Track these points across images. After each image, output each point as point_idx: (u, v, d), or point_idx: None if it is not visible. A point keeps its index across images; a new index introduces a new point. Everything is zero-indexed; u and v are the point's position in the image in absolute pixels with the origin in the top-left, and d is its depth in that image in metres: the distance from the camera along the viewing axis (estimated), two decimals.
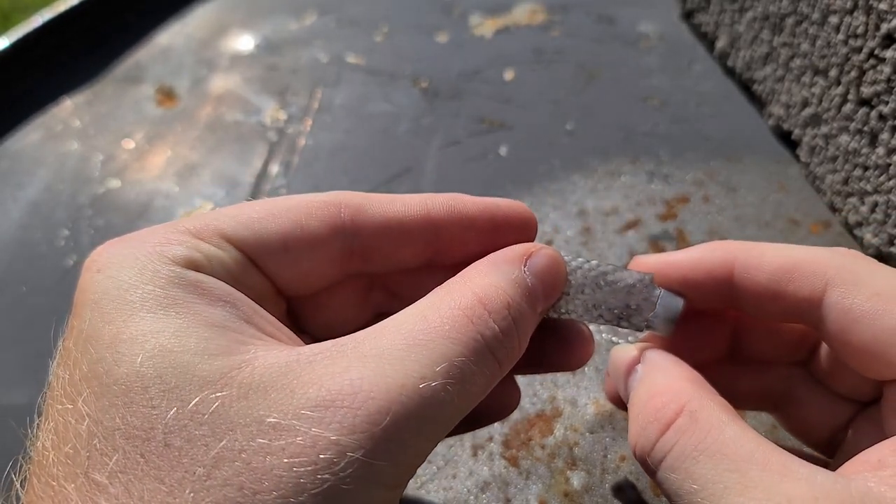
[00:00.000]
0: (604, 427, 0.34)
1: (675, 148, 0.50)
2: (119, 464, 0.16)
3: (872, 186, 0.38)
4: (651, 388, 0.21)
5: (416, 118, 0.55)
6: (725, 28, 0.54)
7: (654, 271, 0.24)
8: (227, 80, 0.61)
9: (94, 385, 0.17)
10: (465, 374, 0.18)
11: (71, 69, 0.63)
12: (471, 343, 0.18)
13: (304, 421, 0.16)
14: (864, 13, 0.37)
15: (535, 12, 0.66)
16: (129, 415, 0.16)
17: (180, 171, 0.53)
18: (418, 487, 0.33)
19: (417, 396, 0.17)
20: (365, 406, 0.16)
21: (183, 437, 0.16)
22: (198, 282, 0.19)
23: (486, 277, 0.20)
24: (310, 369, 0.17)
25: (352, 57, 0.63)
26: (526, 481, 0.32)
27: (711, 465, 0.18)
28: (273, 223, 0.21)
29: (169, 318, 0.18)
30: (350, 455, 0.16)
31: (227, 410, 0.16)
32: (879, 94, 0.37)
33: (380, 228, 0.22)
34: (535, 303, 0.21)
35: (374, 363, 0.17)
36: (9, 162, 0.55)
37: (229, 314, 0.19)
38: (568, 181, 0.48)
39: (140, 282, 0.18)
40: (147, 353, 0.17)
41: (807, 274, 0.21)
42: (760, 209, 0.44)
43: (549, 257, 0.22)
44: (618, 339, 0.37)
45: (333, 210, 0.22)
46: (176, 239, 0.20)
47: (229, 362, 0.17)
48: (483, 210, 0.23)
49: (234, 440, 0.16)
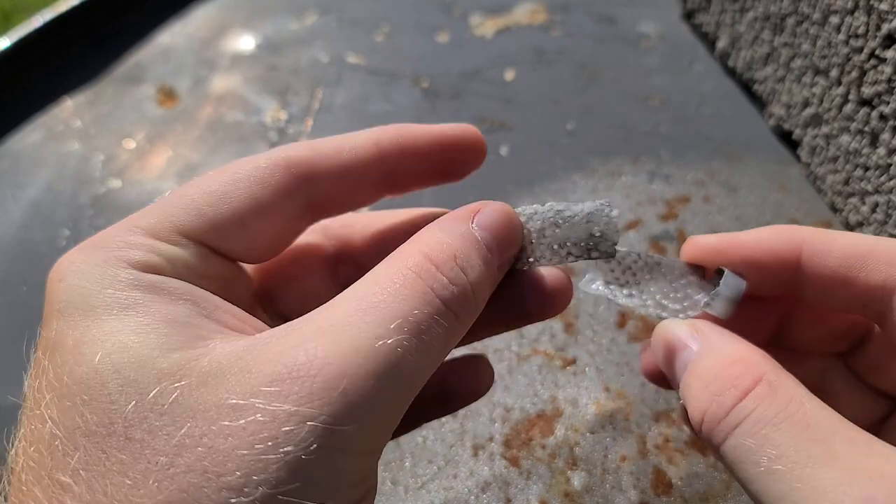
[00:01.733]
0: (604, 427, 0.34)
1: (675, 148, 0.50)
2: (81, 461, 0.16)
3: (873, 187, 0.38)
4: (723, 357, 0.21)
5: (417, 118, 0.55)
6: (726, 28, 0.54)
7: (716, 250, 0.24)
8: (228, 80, 0.61)
9: (56, 387, 0.17)
10: (420, 328, 0.18)
11: (72, 69, 0.63)
12: (421, 297, 0.18)
13: (263, 397, 0.16)
14: (864, 13, 0.37)
15: (535, 12, 0.66)
16: (88, 412, 0.16)
17: (181, 171, 0.53)
18: (419, 487, 0.33)
19: (373, 356, 0.17)
20: (321, 373, 0.16)
21: (143, 428, 0.16)
22: (157, 283, 0.19)
23: (434, 236, 0.20)
24: (266, 349, 0.17)
25: (352, 57, 0.63)
26: (527, 481, 0.32)
27: (794, 433, 0.17)
28: (227, 205, 0.21)
29: (129, 317, 0.18)
30: (310, 424, 0.16)
31: (186, 399, 0.16)
32: (880, 94, 0.37)
33: (333, 178, 0.22)
34: (489, 255, 0.21)
35: (329, 332, 0.17)
36: (10, 162, 0.55)
37: (189, 311, 0.19)
38: (568, 181, 0.48)
39: (101, 287, 0.19)
40: (106, 350, 0.17)
41: (881, 261, 0.21)
42: (761, 209, 0.44)
43: (497, 210, 0.22)
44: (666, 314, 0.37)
45: (284, 173, 0.22)
46: (133, 242, 0.20)
47: (188, 354, 0.17)
48: (432, 141, 0.24)
49: (195, 426, 0.16)
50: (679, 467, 0.32)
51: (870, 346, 0.24)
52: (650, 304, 0.24)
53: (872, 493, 0.15)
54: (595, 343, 0.38)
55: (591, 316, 0.39)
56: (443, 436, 0.34)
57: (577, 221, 0.23)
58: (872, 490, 0.16)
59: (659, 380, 0.25)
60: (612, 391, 0.36)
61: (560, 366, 0.37)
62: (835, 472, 0.16)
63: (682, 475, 0.32)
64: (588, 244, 0.23)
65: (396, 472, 0.33)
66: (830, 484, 0.16)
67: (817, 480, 0.16)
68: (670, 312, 0.24)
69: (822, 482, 0.16)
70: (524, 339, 0.38)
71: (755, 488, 0.18)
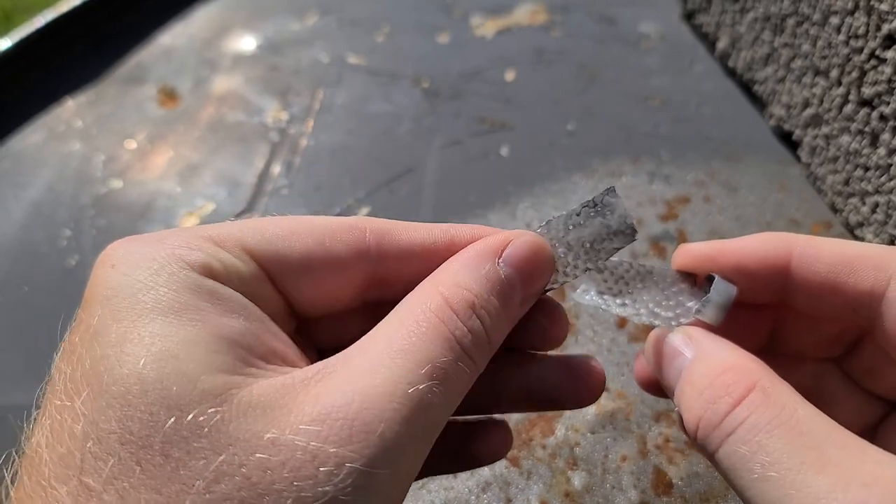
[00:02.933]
0: (605, 427, 0.34)
1: (675, 148, 0.50)
2: (114, 470, 0.16)
3: (873, 187, 0.38)
4: (716, 365, 0.21)
5: (418, 118, 0.55)
6: (726, 29, 0.54)
7: (707, 258, 0.24)
8: (229, 81, 0.61)
9: (93, 383, 0.17)
10: (447, 374, 0.18)
11: (73, 69, 0.63)
12: (445, 343, 0.19)
13: (303, 435, 0.16)
14: (865, 14, 0.37)
15: (536, 13, 0.66)
16: (126, 419, 0.16)
17: (182, 172, 0.53)
18: (420, 487, 0.33)
19: (408, 401, 0.17)
20: (360, 416, 0.17)
21: (182, 448, 0.16)
22: (213, 290, 0.19)
23: (454, 276, 0.20)
24: (304, 389, 0.17)
25: (353, 57, 0.63)
26: (527, 481, 0.32)
27: (787, 439, 0.17)
28: (297, 241, 0.21)
29: (180, 323, 0.18)
30: (349, 465, 0.16)
31: (226, 426, 0.16)
32: (880, 94, 0.37)
33: (404, 255, 0.22)
34: (511, 294, 0.21)
35: (363, 375, 0.18)
36: (11, 162, 0.55)
37: (240, 326, 0.19)
38: (569, 181, 0.48)
39: (155, 283, 0.18)
40: (152, 355, 0.17)
41: (869, 267, 0.21)
42: (761, 209, 0.44)
43: (527, 244, 0.22)
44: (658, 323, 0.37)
45: (359, 234, 0.22)
46: (196, 244, 0.20)
47: (232, 380, 0.17)
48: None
49: (234, 455, 0.16)
50: (679, 467, 0.33)
51: (864, 350, 0.25)
52: (643, 313, 0.24)
53: (865, 499, 0.16)
54: (595, 343, 0.38)
55: (592, 316, 0.39)
56: None
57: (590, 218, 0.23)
58: (865, 495, 0.16)
59: (653, 388, 0.25)
60: (613, 391, 0.36)
61: None
62: (828, 478, 0.16)
63: (683, 475, 0.32)
64: (608, 235, 0.23)
65: None
66: (824, 490, 0.16)
67: (811, 486, 0.16)
68: (663, 320, 0.24)
69: (816, 488, 0.16)
70: None
71: (750, 495, 0.18)
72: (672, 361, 0.22)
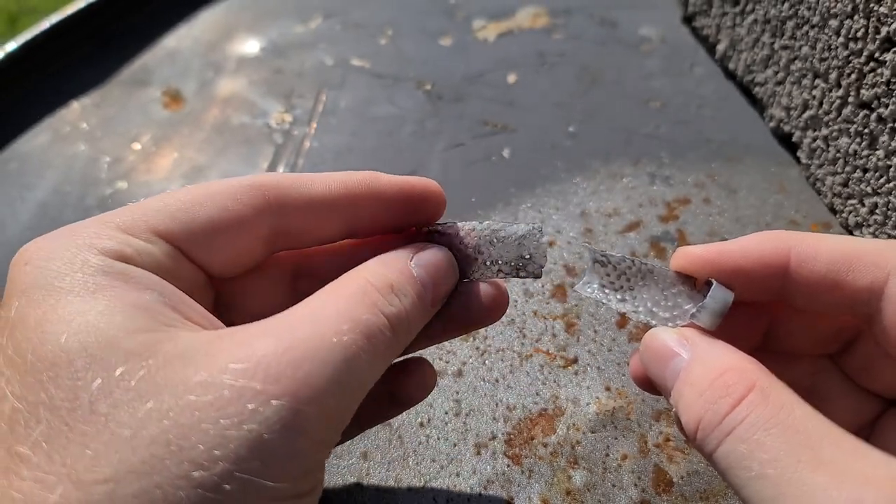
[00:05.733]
0: (606, 426, 0.35)
1: (676, 150, 0.50)
2: (43, 434, 0.16)
3: (872, 188, 0.39)
4: (715, 366, 0.21)
5: (421, 121, 0.56)
6: (726, 31, 0.54)
7: (705, 262, 0.24)
8: (234, 83, 0.62)
9: (18, 364, 0.17)
10: (369, 332, 0.20)
11: (78, 72, 0.64)
12: (369, 307, 0.20)
13: (231, 374, 0.17)
14: (863, 16, 0.37)
15: (537, 16, 0.66)
16: (54, 387, 0.17)
17: (187, 174, 0.53)
18: (421, 486, 0.33)
19: (332, 347, 0.18)
20: (287, 355, 0.17)
21: (109, 402, 0.16)
22: (126, 270, 0.19)
23: (375, 268, 0.23)
24: (231, 337, 0.18)
25: (357, 60, 0.63)
26: (528, 479, 0.33)
27: (785, 438, 0.18)
28: (200, 211, 0.22)
29: (95, 300, 0.18)
30: (275, 402, 0.17)
31: (153, 377, 0.17)
32: (879, 96, 0.37)
33: (303, 208, 0.24)
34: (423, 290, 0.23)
35: (291, 327, 0.19)
36: (17, 164, 0.56)
37: (156, 300, 0.19)
38: (570, 183, 0.48)
39: (69, 270, 0.19)
40: (73, 330, 0.17)
41: (867, 264, 0.21)
42: (761, 211, 0.45)
43: (435, 252, 0.25)
44: (655, 322, 0.37)
45: (258, 192, 0.23)
46: (106, 234, 0.20)
47: (154, 336, 0.18)
48: (398, 190, 0.25)
49: (162, 401, 0.16)
50: (680, 466, 0.33)
51: (860, 347, 0.25)
52: (641, 311, 0.25)
53: (861, 497, 0.16)
54: (596, 343, 0.38)
55: (593, 316, 0.40)
56: (446, 434, 0.35)
57: (510, 242, 0.25)
58: (861, 494, 0.16)
59: (648, 385, 0.26)
60: (613, 390, 0.36)
61: (561, 365, 0.37)
62: (823, 477, 0.16)
63: (683, 474, 0.33)
64: (518, 264, 0.25)
65: (400, 471, 0.34)
66: (819, 488, 0.16)
67: (806, 484, 0.17)
68: (659, 320, 0.24)
69: (811, 486, 0.16)
70: (526, 338, 0.39)
71: (747, 493, 0.18)
72: (668, 362, 0.23)
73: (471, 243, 0.26)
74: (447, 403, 0.36)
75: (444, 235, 0.26)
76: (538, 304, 0.41)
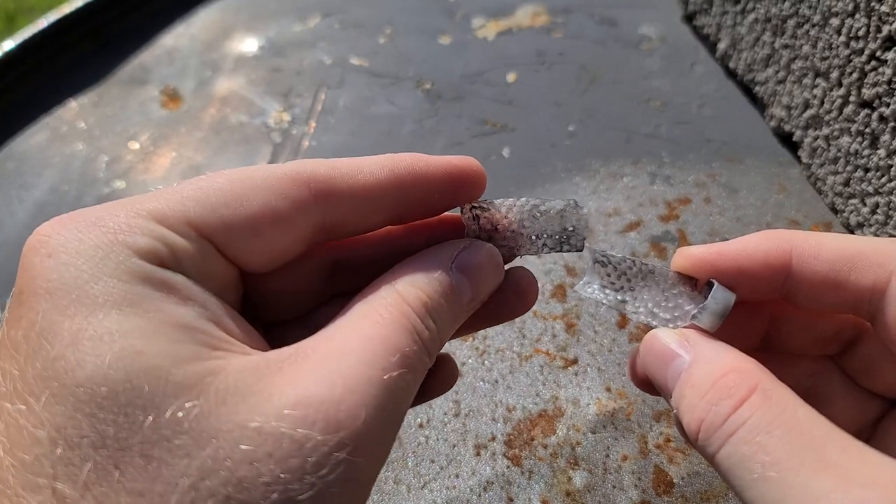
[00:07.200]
0: (606, 427, 0.34)
1: (676, 150, 0.50)
2: (91, 476, 0.15)
3: (874, 188, 0.39)
4: (717, 367, 0.21)
5: (420, 120, 0.56)
6: (727, 30, 0.54)
7: (705, 262, 0.24)
8: (232, 82, 0.62)
9: (53, 386, 0.16)
10: (414, 363, 0.19)
11: (76, 71, 0.63)
12: (409, 335, 0.19)
13: (288, 421, 0.16)
14: (865, 15, 0.37)
15: (537, 15, 0.66)
16: (99, 423, 0.15)
17: (185, 172, 0.53)
18: (421, 487, 0.33)
19: (383, 387, 0.18)
20: (345, 400, 0.17)
21: (163, 447, 0.15)
22: (163, 279, 0.18)
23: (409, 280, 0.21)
24: (279, 372, 0.17)
25: (355, 59, 0.63)
26: (528, 480, 0.33)
27: (787, 439, 0.18)
28: (242, 208, 0.20)
29: (137, 316, 0.17)
30: (336, 455, 0.16)
31: (206, 418, 0.16)
32: (880, 95, 0.37)
33: (350, 200, 0.22)
34: (459, 297, 0.22)
35: (338, 359, 0.18)
36: (15, 163, 0.56)
37: (197, 315, 0.18)
38: (570, 182, 0.48)
39: (101, 273, 0.17)
40: (114, 354, 0.16)
41: (870, 263, 0.21)
42: (761, 210, 0.45)
43: (478, 251, 0.23)
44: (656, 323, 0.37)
45: (303, 187, 0.21)
46: (138, 226, 0.18)
47: (203, 368, 0.17)
48: (444, 172, 0.24)
49: (219, 448, 0.15)
50: (680, 466, 0.33)
51: (861, 347, 0.25)
52: (641, 311, 0.25)
53: (865, 500, 0.16)
54: (596, 343, 0.38)
55: (593, 316, 0.39)
56: (445, 435, 0.35)
57: (552, 215, 0.25)
58: (865, 497, 0.16)
59: (647, 385, 0.26)
60: (614, 391, 0.36)
61: (562, 366, 0.37)
62: (827, 479, 0.16)
63: (683, 474, 0.32)
64: (562, 237, 0.25)
65: (399, 471, 0.33)
66: (823, 490, 0.16)
67: (810, 487, 0.16)
68: (660, 321, 0.24)
69: (815, 488, 0.16)
70: (526, 339, 0.39)
71: (749, 496, 0.18)
72: (669, 364, 0.23)
73: (514, 218, 0.25)
74: (446, 404, 0.36)
75: (488, 212, 0.25)
76: (538, 304, 0.40)
